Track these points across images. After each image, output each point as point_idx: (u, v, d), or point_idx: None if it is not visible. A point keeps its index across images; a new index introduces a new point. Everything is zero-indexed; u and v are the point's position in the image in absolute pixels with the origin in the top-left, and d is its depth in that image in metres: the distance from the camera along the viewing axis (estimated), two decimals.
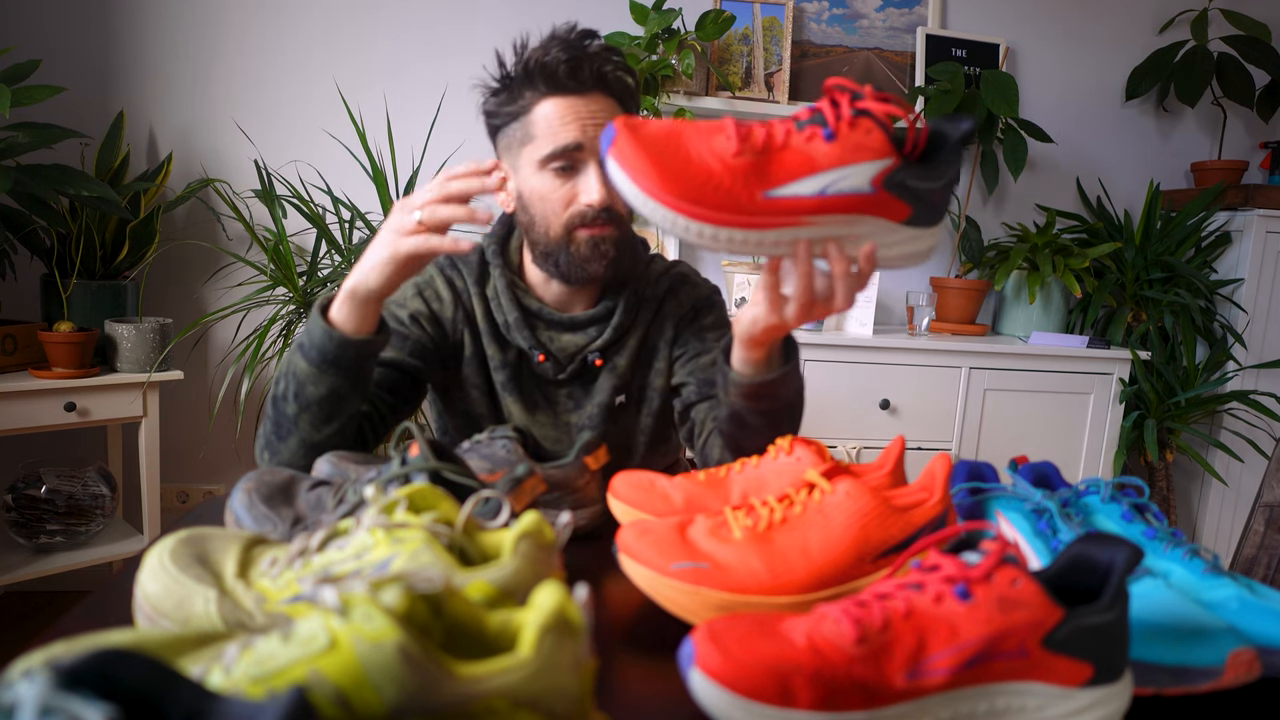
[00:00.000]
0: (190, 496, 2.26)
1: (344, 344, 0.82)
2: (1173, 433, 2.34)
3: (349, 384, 0.84)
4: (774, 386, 0.84)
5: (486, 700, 0.33)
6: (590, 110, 0.93)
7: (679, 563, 0.57)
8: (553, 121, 0.93)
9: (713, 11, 2.15)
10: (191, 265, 2.18)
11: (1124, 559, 0.48)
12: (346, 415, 0.86)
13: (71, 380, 1.77)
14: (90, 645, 0.36)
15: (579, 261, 0.97)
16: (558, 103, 0.93)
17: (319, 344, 0.82)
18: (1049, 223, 2.30)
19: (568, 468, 0.78)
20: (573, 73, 0.92)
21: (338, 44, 2.18)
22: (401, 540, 0.48)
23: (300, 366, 0.84)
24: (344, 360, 0.83)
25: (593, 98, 0.94)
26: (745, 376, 0.84)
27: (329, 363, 0.83)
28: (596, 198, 0.93)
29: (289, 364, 0.86)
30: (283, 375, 0.87)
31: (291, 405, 0.85)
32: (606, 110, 0.95)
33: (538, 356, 1.02)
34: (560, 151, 0.93)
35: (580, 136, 0.93)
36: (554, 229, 0.96)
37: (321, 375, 0.83)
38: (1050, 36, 2.51)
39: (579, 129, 0.93)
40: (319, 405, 0.84)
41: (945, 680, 0.44)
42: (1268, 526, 1.23)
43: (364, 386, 0.86)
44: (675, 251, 2.28)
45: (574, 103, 0.93)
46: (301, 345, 0.84)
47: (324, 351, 0.82)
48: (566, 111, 0.93)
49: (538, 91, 0.94)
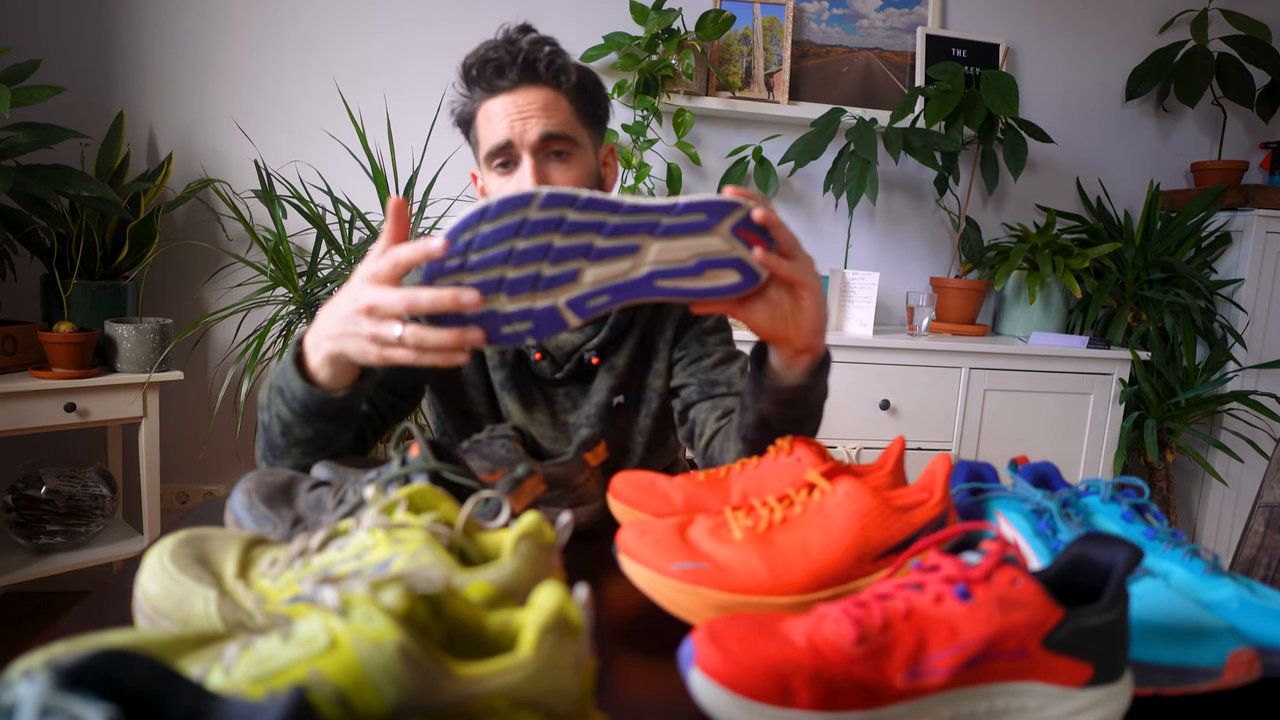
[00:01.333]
0: (190, 497, 2.26)
1: (326, 400, 0.78)
2: (1173, 433, 2.34)
3: (337, 427, 0.81)
4: (806, 392, 0.83)
5: (486, 700, 0.33)
6: (519, 105, 0.93)
7: (679, 563, 0.57)
8: (489, 121, 0.94)
9: (713, 11, 2.15)
10: (191, 265, 2.18)
11: (1124, 559, 0.48)
12: (341, 444, 0.84)
13: (71, 380, 1.77)
14: (90, 645, 0.36)
15: None
16: (493, 102, 0.94)
17: (300, 399, 0.78)
18: (1049, 223, 2.30)
19: (567, 465, 0.78)
20: (499, 71, 0.93)
21: (337, 43, 2.18)
22: (401, 540, 0.48)
23: (283, 411, 0.80)
24: (328, 412, 0.79)
25: (522, 91, 0.94)
26: (783, 382, 0.83)
27: (313, 414, 0.79)
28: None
29: (271, 403, 0.82)
30: (266, 408, 0.83)
31: (280, 439, 0.83)
32: (538, 102, 0.94)
33: (534, 355, 1.02)
34: (494, 150, 0.94)
35: (508, 133, 0.93)
36: None
37: (306, 422, 0.80)
38: (1050, 36, 2.51)
39: (506, 125, 0.93)
40: (309, 443, 0.82)
41: (945, 680, 0.44)
42: (1268, 526, 1.23)
43: (354, 421, 0.84)
44: None
45: (504, 100, 0.94)
46: (281, 391, 0.80)
47: (306, 405, 0.79)
48: (497, 110, 0.94)
49: (479, 95, 0.95)
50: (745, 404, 0.88)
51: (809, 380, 0.82)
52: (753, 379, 0.85)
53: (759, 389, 0.84)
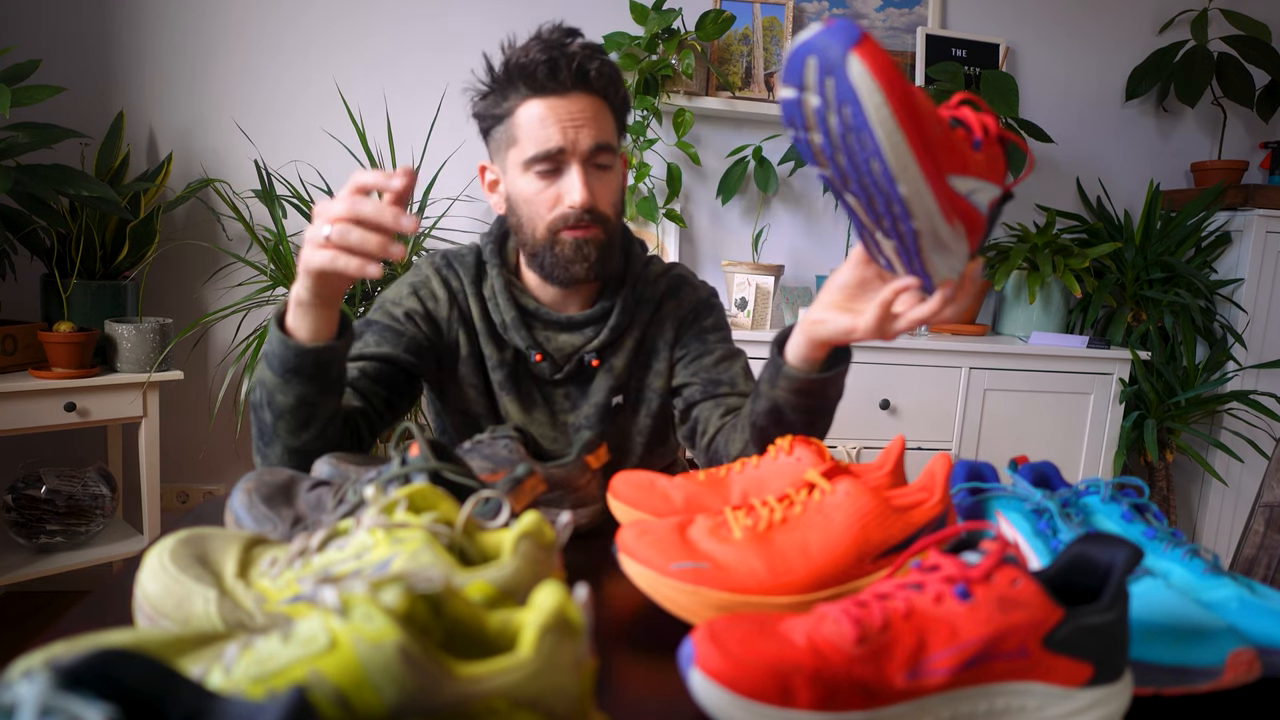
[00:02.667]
0: (190, 496, 2.26)
1: (301, 352, 0.80)
2: (1173, 433, 2.34)
3: (316, 390, 0.82)
4: (825, 385, 0.84)
5: (486, 700, 0.33)
6: (571, 112, 0.93)
7: (679, 563, 0.57)
8: (534, 124, 0.93)
9: (713, 11, 2.15)
10: (191, 265, 2.18)
11: (1124, 559, 0.48)
12: (324, 419, 0.85)
13: (71, 380, 1.77)
14: (90, 645, 0.36)
15: (563, 263, 0.97)
16: (539, 104, 0.93)
17: (279, 354, 0.81)
18: (1049, 223, 2.30)
19: (569, 467, 0.78)
20: (551, 73, 0.91)
21: (337, 43, 2.18)
22: (401, 540, 0.48)
23: (267, 376, 0.83)
24: (305, 368, 0.81)
25: (574, 98, 0.93)
26: (801, 372, 0.83)
27: (291, 371, 0.81)
28: (579, 199, 0.93)
29: (259, 372, 0.84)
30: (257, 384, 0.85)
31: (267, 413, 0.84)
32: (588, 111, 0.94)
33: (534, 356, 1.02)
34: (542, 155, 0.93)
35: (561, 139, 0.92)
36: (539, 231, 0.96)
37: (287, 384, 0.81)
38: (1050, 36, 2.51)
39: (560, 132, 0.92)
40: (292, 413, 0.83)
41: (945, 680, 0.44)
42: (1268, 526, 1.23)
43: (335, 390, 0.85)
44: (675, 254, 2.28)
45: (554, 104, 0.92)
46: (266, 355, 0.83)
47: (284, 361, 0.80)
48: (548, 114, 0.92)
49: (520, 93, 0.93)
50: (759, 391, 0.88)
51: (827, 374, 0.83)
52: (771, 364, 0.86)
53: (776, 374, 0.85)
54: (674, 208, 2.23)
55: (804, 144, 0.59)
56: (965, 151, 0.61)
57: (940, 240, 0.63)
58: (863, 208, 0.62)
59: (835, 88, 0.53)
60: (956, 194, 0.60)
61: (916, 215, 0.59)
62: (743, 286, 2.16)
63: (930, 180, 0.57)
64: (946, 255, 0.65)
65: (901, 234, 0.62)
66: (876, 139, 0.54)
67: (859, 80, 0.52)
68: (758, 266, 2.15)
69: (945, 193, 0.59)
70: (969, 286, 0.69)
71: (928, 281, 0.68)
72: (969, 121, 0.62)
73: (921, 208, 0.59)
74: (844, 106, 0.54)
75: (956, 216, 0.61)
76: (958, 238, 0.63)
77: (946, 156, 0.58)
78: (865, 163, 0.56)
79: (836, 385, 0.86)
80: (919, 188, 0.57)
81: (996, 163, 0.63)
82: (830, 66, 0.53)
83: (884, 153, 0.55)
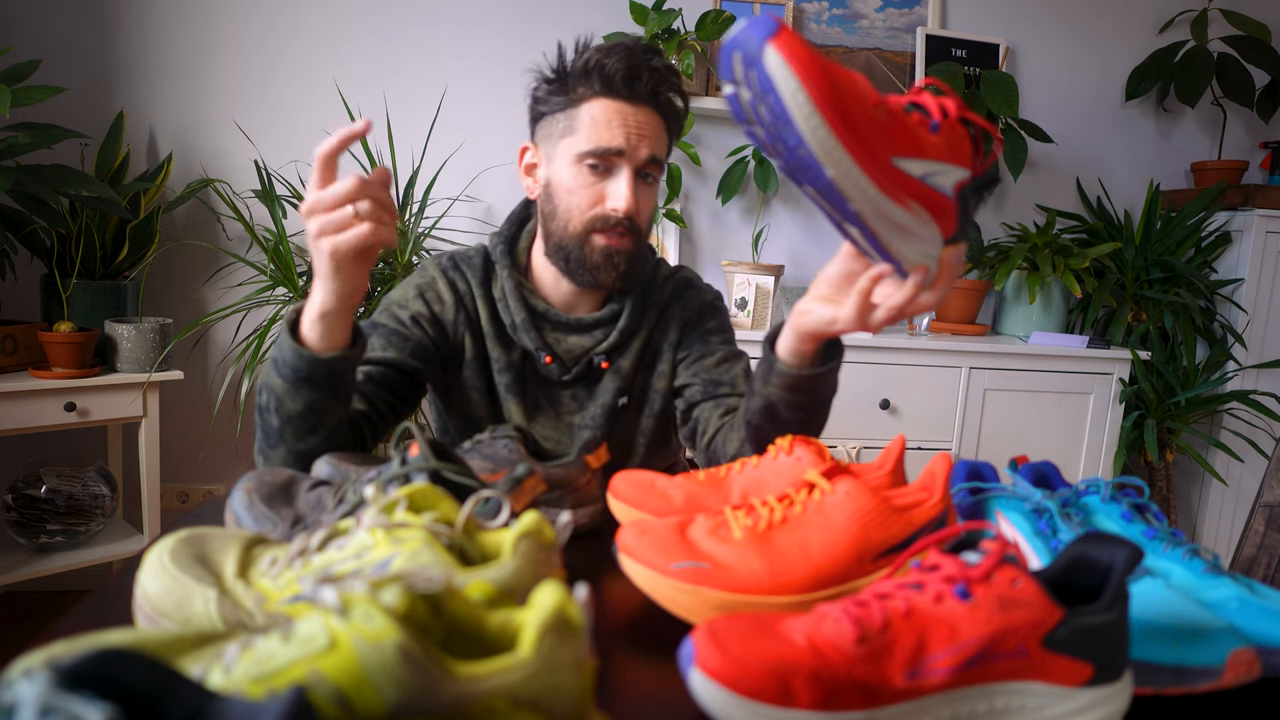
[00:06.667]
0: (190, 496, 2.26)
1: (315, 362, 0.80)
2: (1173, 433, 2.34)
3: (326, 397, 0.82)
4: (816, 381, 0.84)
5: (486, 700, 0.33)
6: (638, 120, 0.95)
7: (679, 562, 0.57)
8: (599, 120, 0.94)
9: (713, 11, 2.15)
10: (191, 265, 2.18)
11: (1124, 559, 0.48)
12: (331, 425, 0.85)
13: (71, 380, 1.77)
14: (90, 645, 0.36)
15: (589, 267, 0.98)
16: (608, 104, 0.95)
17: (291, 362, 0.80)
18: (1049, 223, 2.30)
19: (569, 466, 0.78)
20: (629, 80, 0.94)
21: (338, 44, 2.18)
22: (401, 540, 0.48)
23: (276, 382, 0.82)
24: (318, 377, 0.81)
25: (642, 109, 0.96)
26: (792, 368, 0.83)
27: (303, 380, 0.80)
28: (623, 204, 0.95)
29: (267, 377, 0.84)
30: (263, 387, 0.85)
31: (274, 418, 0.84)
32: (652, 126, 0.96)
33: (544, 358, 1.02)
34: (601, 151, 0.94)
35: (624, 142, 0.94)
36: (574, 224, 0.97)
37: (297, 391, 0.81)
38: (1050, 36, 2.51)
39: (624, 135, 0.94)
40: (300, 419, 0.83)
41: (945, 680, 0.44)
42: (1268, 526, 1.23)
43: (344, 397, 0.85)
44: (675, 254, 2.28)
45: (623, 108, 0.95)
46: (275, 361, 0.82)
47: (297, 370, 0.80)
48: (614, 115, 0.94)
49: (591, 89, 0.95)
50: (753, 389, 0.89)
51: (819, 369, 0.83)
52: (764, 362, 0.86)
53: (769, 371, 0.85)
54: (674, 208, 2.23)
55: (753, 136, 0.61)
56: (919, 134, 0.61)
57: (895, 224, 0.62)
58: (814, 196, 0.62)
59: (758, 79, 0.55)
60: (908, 176, 0.60)
61: (851, 198, 0.59)
62: (743, 286, 2.16)
63: (860, 162, 0.57)
64: (911, 240, 0.64)
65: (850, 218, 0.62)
66: (795, 124, 0.55)
67: (775, 70, 0.54)
68: (758, 267, 2.15)
69: (889, 174, 0.59)
70: (947, 272, 0.68)
71: (899, 268, 0.68)
72: (926, 105, 0.62)
73: (855, 190, 0.59)
74: (767, 96, 0.55)
75: (910, 199, 0.61)
76: (919, 221, 0.63)
77: (886, 139, 0.58)
78: (795, 149, 0.57)
79: (829, 381, 0.85)
80: (847, 169, 0.57)
81: (961, 145, 0.63)
82: (751, 60, 0.54)
83: (804, 137, 0.56)
